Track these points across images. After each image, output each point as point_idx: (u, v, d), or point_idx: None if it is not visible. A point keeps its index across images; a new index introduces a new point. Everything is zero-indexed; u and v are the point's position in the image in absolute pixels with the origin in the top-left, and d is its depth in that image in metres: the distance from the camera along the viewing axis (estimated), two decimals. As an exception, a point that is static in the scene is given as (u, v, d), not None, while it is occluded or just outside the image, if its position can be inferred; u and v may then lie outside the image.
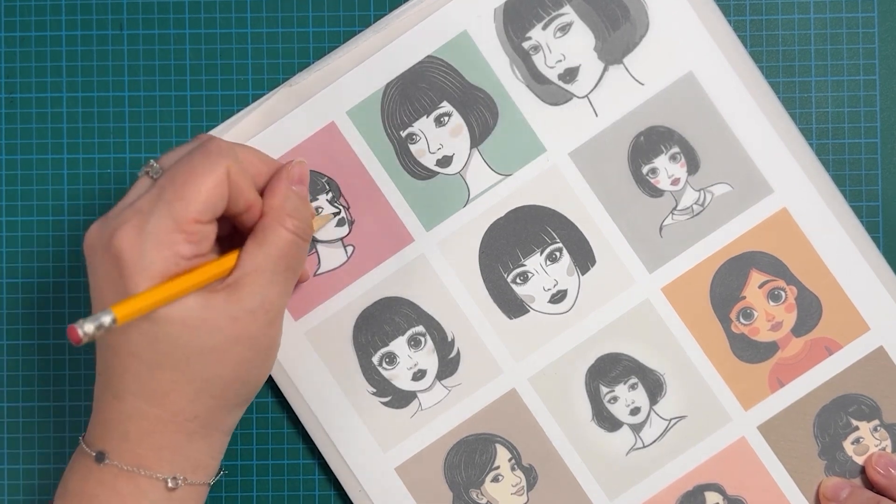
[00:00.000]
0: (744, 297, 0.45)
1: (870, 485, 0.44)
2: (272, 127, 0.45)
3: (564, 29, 0.45)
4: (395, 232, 0.45)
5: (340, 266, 0.46)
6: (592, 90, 0.45)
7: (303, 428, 0.46)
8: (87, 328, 0.32)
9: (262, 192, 0.39)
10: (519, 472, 0.46)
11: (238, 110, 0.46)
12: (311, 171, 0.45)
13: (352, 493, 0.46)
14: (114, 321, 0.33)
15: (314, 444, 0.46)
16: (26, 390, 0.48)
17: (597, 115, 0.45)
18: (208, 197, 0.35)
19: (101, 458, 0.37)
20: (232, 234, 0.40)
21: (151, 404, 0.36)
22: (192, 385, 0.36)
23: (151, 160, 0.38)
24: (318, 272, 0.46)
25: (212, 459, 0.39)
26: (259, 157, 0.40)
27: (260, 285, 0.37)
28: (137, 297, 0.34)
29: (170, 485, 0.37)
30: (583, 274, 0.45)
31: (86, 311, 0.48)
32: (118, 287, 0.35)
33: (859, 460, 0.45)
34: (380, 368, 0.46)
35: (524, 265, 0.45)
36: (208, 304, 0.36)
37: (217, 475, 0.40)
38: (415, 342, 0.46)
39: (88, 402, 0.47)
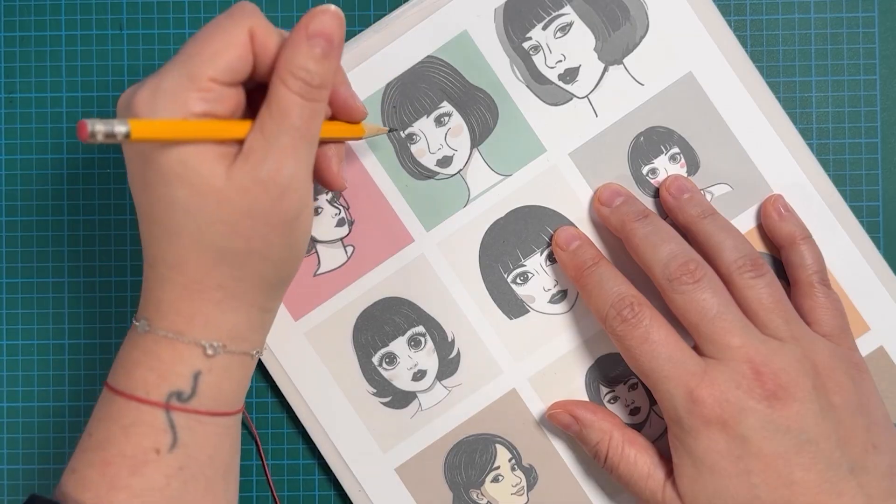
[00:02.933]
0: (744, 298, 0.45)
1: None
2: (272, 127, 0.45)
3: (564, 29, 0.45)
4: (395, 232, 0.45)
5: (340, 266, 0.46)
6: (592, 90, 0.45)
7: (303, 428, 0.46)
8: (97, 127, 0.31)
9: None
10: (519, 473, 0.46)
11: (238, 110, 0.46)
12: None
13: (352, 493, 0.46)
14: (127, 134, 0.32)
15: (314, 444, 0.46)
16: (26, 390, 0.48)
17: (597, 115, 0.45)
18: (225, 52, 0.34)
19: (142, 326, 0.37)
20: None
21: (175, 271, 0.36)
22: (209, 254, 0.36)
23: None
24: (318, 272, 0.46)
25: (251, 332, 0.38)
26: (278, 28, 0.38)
27: (266, 152, 0.35)
28: (157, 121, 0.33)
29: (209, 351, 0.37)
30: (583, 274, 0.45)
31: (88, 310, 0.48)
32: (132, 147, 0.35)
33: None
34: (380, 369, 0.46)
35: (524, 265, 0.45)
36: (218, 172, 0.35)
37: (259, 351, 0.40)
38: (415, 342, 0.46)
39: (89, 402, 0.47)
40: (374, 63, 0.45)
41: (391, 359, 0.46)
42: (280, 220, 0.36)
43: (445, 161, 0.45)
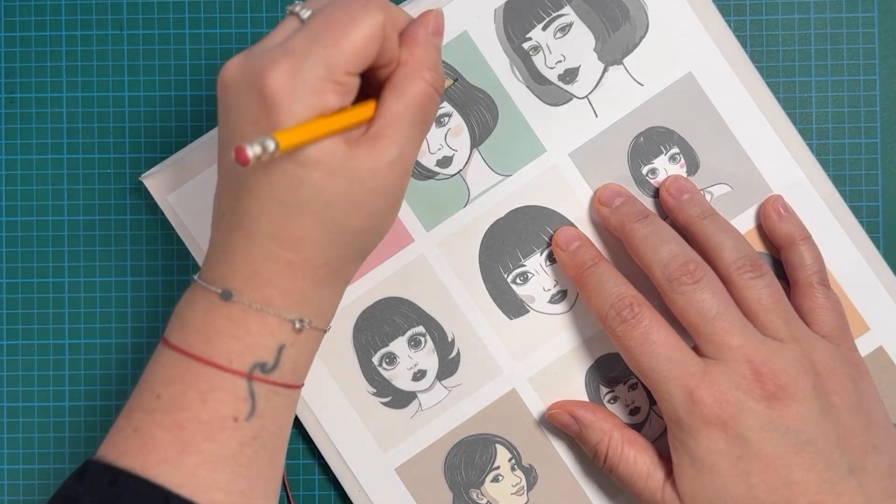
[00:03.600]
0: (744, 298, 0.45)
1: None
2: (272, 127, 0.45)
3: (564, 29, 0.45)
4: (395, 232, 0.45)
5: (340, 266, 0.46)
6: (592, 91, 0.45)
7: (303, 428, 0.46)
8: (255, 149, 0.32)
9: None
10: (519, 473, 0.46)
11: (238, 110, 0.46)
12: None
13: (352, 493, 0.46)
14: (276, 148, 0.32)
15: (314, 444, 0.46)
16: (26, 390, 0.48)
17: (597, 115, 0.45)
18: (364, 48, 0.35)
19: (227, 295, 0.37)
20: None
21: (285, 248, 0.36)
22: (327, 233, 0.36)
23: (299, 2, 0.37)
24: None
25: (332, 307, 0.39)
26: (402, 13, 0.38)
27: (399, 136, 0.36)
28: (299, 129, 0.34)
29: (297, 326, 0.37)
30: (583, 274, 0.45)
31: (88, 310, 0.48)
32: (262, 128, 0.34)
33: None
34: (380, 369, 0.46)
35: (524, 265, 0.45)
36: (351, 154, 0.35)
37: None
38: (415, 342, 0.46)
39: (89, 402, 0.47)
40: (374, 63, 0.45)
41: (391, 359, 0.46)
42: (397, 197, 0.37)
43: (445, 161, 0.45)
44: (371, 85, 0.38)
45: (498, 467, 0.46)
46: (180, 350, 0.37)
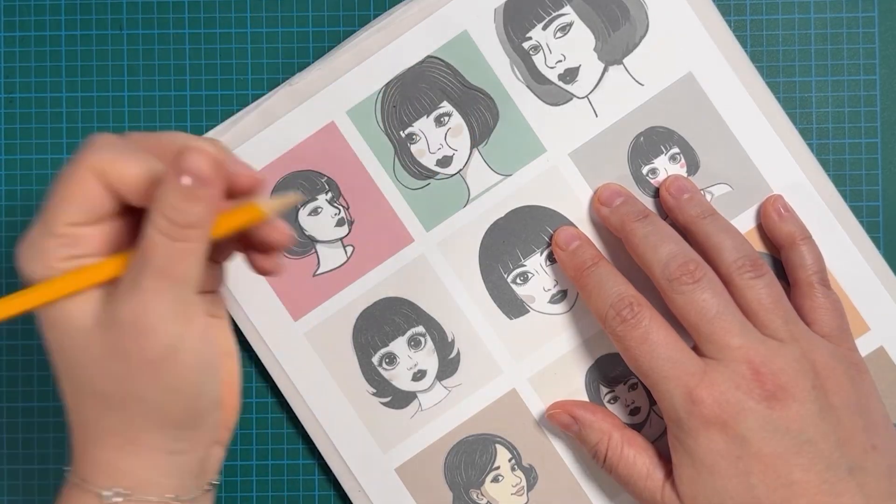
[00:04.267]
0: (744, 298, 0.45)
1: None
2: (272, 127, 0.45)
3: (565, 29, 0.45)
4: (395, 232, 0.45)
5: (340, 266, 0.46)
6: (592, 90, 0.45)
7: (303, 428, 0.46)
8: None
9: None
10: (519, 473, 0.46)
11: (238, 110, 0.46)
12: (311, 171, 0.45)
13: (352, 493, 0.46)
14: None
15: (314, 444, 0.46)
16: (26, 390, 0.48)
17: (597, 115, 0.45)
18: (73, 198, 0.33)
19: (67, 474, 0.37)
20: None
21: (73, 417, 0.36)
22: (92, 399, 0.35)
23: None
24: (318, 272, 0.46)
25: (161, 477, 0.36)
26: (151, 138, 0.36)
27: (131, 294, 0.33)
28: (8, 300, 0.34)
29: (106, 500, 0.35)
30: (583, 274, 0.45)
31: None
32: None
33: None
34: (380, 369, 0.46)
35: (524, 265, 0.45)
36: (88, 312, 0.34)
37: (197, 495, 0.38)
38: (415, 342, 0.46)
39: (88, 402, 0.47)
40: (374, 63, 0.45)
41: (391, 359, 0.46)
42: (142, 360, 0.34)
43: (445, 161, 0.45)
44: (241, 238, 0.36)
45: (498, 467, 0.46)
46: None
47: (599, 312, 0.42)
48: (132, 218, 0.35)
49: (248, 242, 0.37)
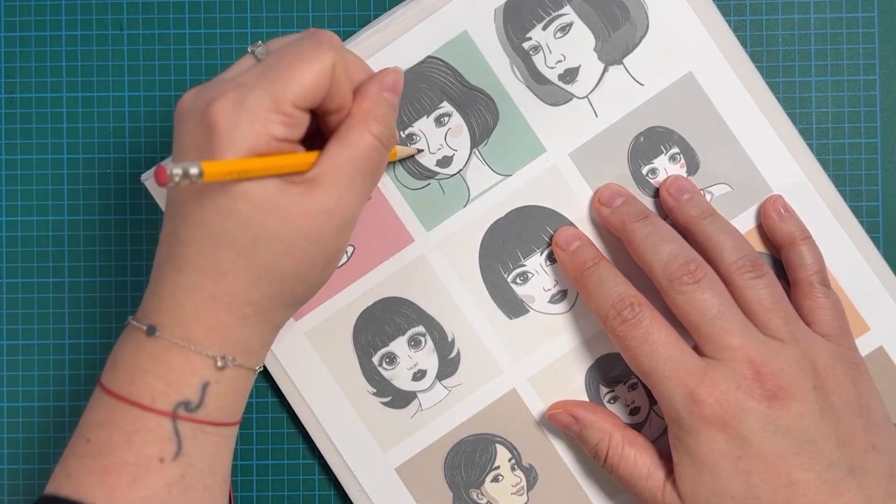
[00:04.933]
0: (744, 298, 0.45)
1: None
2: (272, 127, 0.45)
3: (564, 29, 0.45)
4: (395, 232, 0.45)
5: (340, 266, 0.46)
6: (592, 91, 0.45)
7: (303, 428, 0.46)
8: (175, 171, 0.32)
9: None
10: (519, 472, 0.46)
11: (238, 110, 0.46)
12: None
13: (352, 493, 0.46)
14: (200, 174, 0.32)
15: (314, 444, 0.46)
16: (26, 390, 0.48)
17: (597, 115, 0.45)
18: (312, 83, 0.35)
19: (152, 331, 0.37)
20: (313, 136, 0.39)
21: (209, 279, 0.36)
22: (253, 270, 0.36)
23: (259, 41, 0.38)
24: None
25: (261, 348, 0.39)
26: (360, 63, 0.40)
27: (337, 185, 0.36)
28: (227, 161, 0.34)
29: (219, 363, 0.37)
30: (583, 274, 0.45)
31: (88, 310, 0.48)
32: (203, 154, 0.35)
33: None
34: (380, 368, 0.46)
35: (524, 265, 0.45)
36: (286, 192, 0.35)
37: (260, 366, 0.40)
38: (415, 342, 0.46)
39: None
40: (374, 63, 0.45)
41: (391, 359, 0.46)
42: (333, 248, 0.37)
43: (445, 161, 0.45)
44: (325, 136, 0.38)
45: (498, 467, 0.46)
46: (108, 391, 0.37)
47: (600, 312, 0.42)
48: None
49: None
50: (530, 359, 0.45)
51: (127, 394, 0.37)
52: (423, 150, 0.45)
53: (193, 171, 0.32)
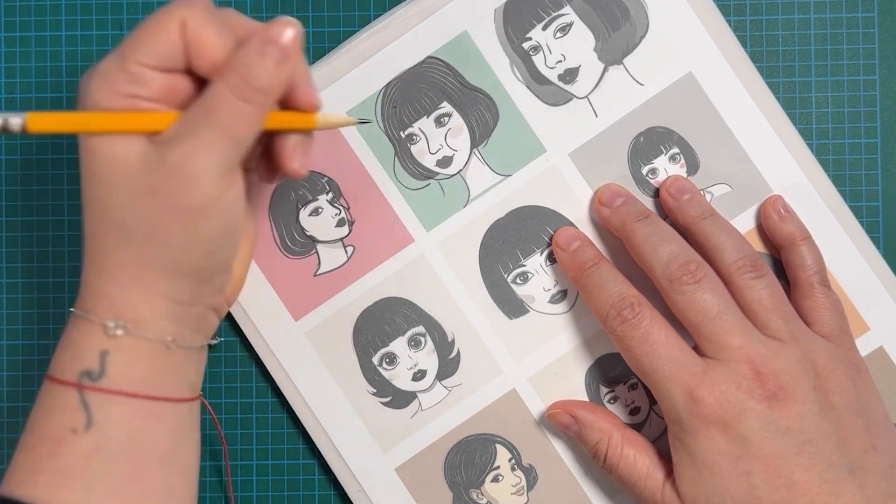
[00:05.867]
0: (744, 298, 0.45)
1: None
2: (272, 127, 0.45)
3: (564, 29, 0.45)
4: (395, 232, 0.45)
5: (340, 266, 0.46)
6: (592, 91, 0.45)
7: (303, 428, 0.46)
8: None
9: None
10: (519, 472, 0.46)
11: (238, 110, 0.46)
12: (312, 171, 0.45)
13: (352, 493, 0.46)
14: (23, 126, 0.34)
15: (314, 444, 0.46)
16: (26, 390, 0.48)
17: (597, 115, 0.45)
18: (152, 40, 0.35)
19: (72, 307, 0.38)
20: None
21: (88, 246, 0.37)
22: (114, 230, 0.36)
23: None
24: (318, 272, 0.46)
25: (156, 319, 0.37)
26: (246, 22, 0.37)
27: (185, 141, 0.35)
28: (55, 113, 0.35)
29: (109, 331, 0.37)
30: (583, 274, 0.45)
31: (86, 311, 0.48)
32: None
33: None
34: (380, 369, 0.46)
35: (524, 265, 0.45)
36: (135, 150, 0.35)
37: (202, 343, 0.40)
38: (415, 342, 0.46)
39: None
40: (374, 63, 0.45)
41: (391, 359, 0.46)
42: (181, 206, 0.35)
43: (445, 161, 0.45)
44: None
45: (498, 467, 0.46)
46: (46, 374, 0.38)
47: (600, 312, 0.42)
48: (191, 85, 0.37)
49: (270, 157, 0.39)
50: (530, 359, 0.45)
51: (49, 371, 0.38)
52: (369, 121, 0.45)
53: (14, 120, 0.33)
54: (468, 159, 0.45)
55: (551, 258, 0.45)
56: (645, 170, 0.45)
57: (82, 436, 0.36)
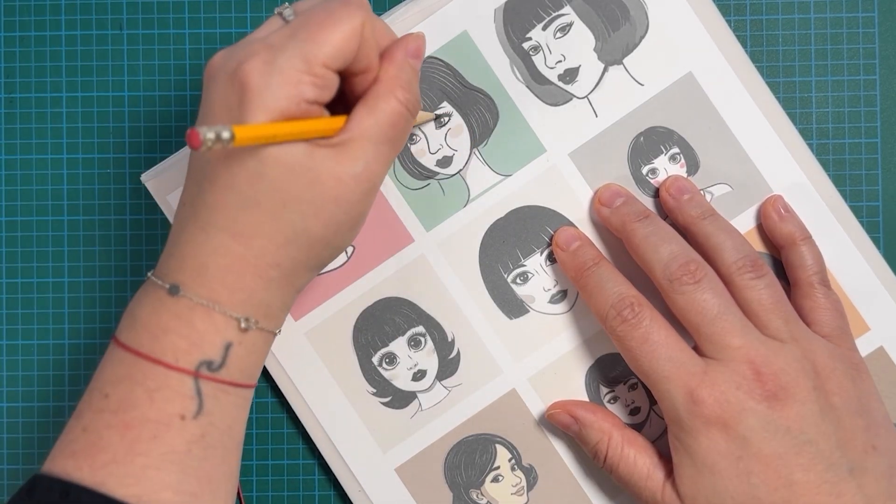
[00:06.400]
0: (744, 298, 0.45)
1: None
2: (272, 127, 0.45)
3: (564, 29, 0.45)
4: (395, 232, 0.45)
5: (340, 266, 0.46)
6: (592, 91, 0.45)
7: (303, 428, 0.46)
8: (208, 135, 0.32)
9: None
10: (519, 472, 0.46)
11: (238, 110, 0.46)
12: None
13: (352, 493, 0.46)
14: (231, 138, 0.32)
15: (314, 444, 0.46)
16: (26, 390, 0.48)
17: (597, 115, 0.45)
18: (342, 43, 0.35)
19: (175, 290, 0.37)
20: (336, 102, 0.39)
21: (238, 241, 0.36)
22: (282, 232, 0.36)
23: (286, 2, 0.38)
24: (319, 272, 0.46)
25: (280, 311, 0.39)
26: (385, 27, 0.39)
27: (365, 151, 0.36)
28: (259, 125, 0.34)
29: (243, 325, 0.37)
30: (583, 274, 0.45)
31: (88, 310, 0.48)
32: (234, 115, 0.35)
33: None
34: (380, 369, 0.46)
35: (524, 265, 0.45)
36: (315, 156, 0.36)
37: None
38: (415, 342, 0.46)
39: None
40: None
41: (391, 359, 0.46)
42: (358, 212, 0.37)
43: (445, 161, 0.45)
44: (349, 99, 0.38)
45: (498, 467, 0.46)
46: (128, 348, 0.37)
47: (600, 312, 0.42)
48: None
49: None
50: (530, 359, 0.45)
51: (149, 351, 0.36)
52: (441, 116, 0.45)
53: (225, 134, 0.32)
54: (468, 159, 0.45)
55: (551, 258, 0.45)
56: (645, 170, 0.45)
57: (189, 423, 0.36)
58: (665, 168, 0.45)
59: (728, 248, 0.42)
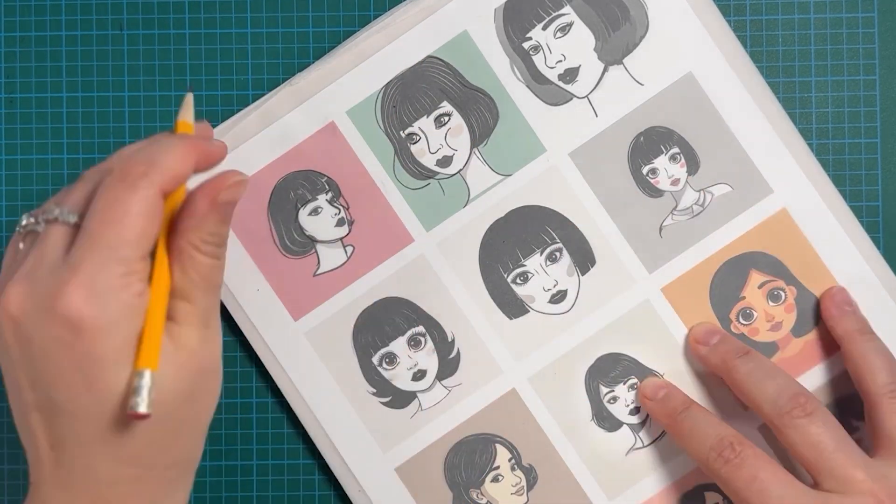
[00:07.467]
0: (743, 298, 0.45)
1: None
2: (272, 127, 0.45)
3: (565, 29, 0.45)
4: (395, 232, 0.45)
5: (340, 266, 0.46)
6: (592, 90, 0.45)
7: (303, 428, 0.46)
8: (146, 400, 0.32)
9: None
10: (519, 472, 0.46)
11: (238, 110, 0.46)
12: (311, 171, 0.45)
13: (352, 493, 0.46)
14: (152, 375, 0.32)
15: (314, 444, 0.46)
16: (26, 390, 0.47)
17: (597, 115, 0.45)
18: (148, 227, 0.33)
19: None
20: None
21: (130, 465, 0.35)
22: (172, 432, 0.35)
23: (52, 207, 0.35)
24: (318, 272, 0.46)
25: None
26: (175, 159, 0.35)
27: (199, 312, 0.35)
28: (144, 346, 0.33)
29: None
30: (583, 274, 0.45)
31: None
32: (77, 350, 0.32)
33: None
34: (380, 369, 0.46)
35: (524, 265, 0.45)
36: (171, 360, 0.34)
37: None
38: (415, 342, 0.46)
39: (88, 402, 0.47)
40: (374, 63, 0.45)
41: (391, 359, 0.46)
42: (217, 364, 0.36)
43: (445, 161, 0.45)
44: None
45: (498, 467, 0.46)
46: None
47: (699, 456, 0.41)
48: None
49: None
50: (530, 359, 0.45)
51: None
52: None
53: (147, 378, 0.32)
54: (468, 159, 0.45)
55: (551, 258, 0.45)
56: (645, 169, 0.45)
57: None
58: (665, 168, 0.45)
59: (770, 391, 0.41)
